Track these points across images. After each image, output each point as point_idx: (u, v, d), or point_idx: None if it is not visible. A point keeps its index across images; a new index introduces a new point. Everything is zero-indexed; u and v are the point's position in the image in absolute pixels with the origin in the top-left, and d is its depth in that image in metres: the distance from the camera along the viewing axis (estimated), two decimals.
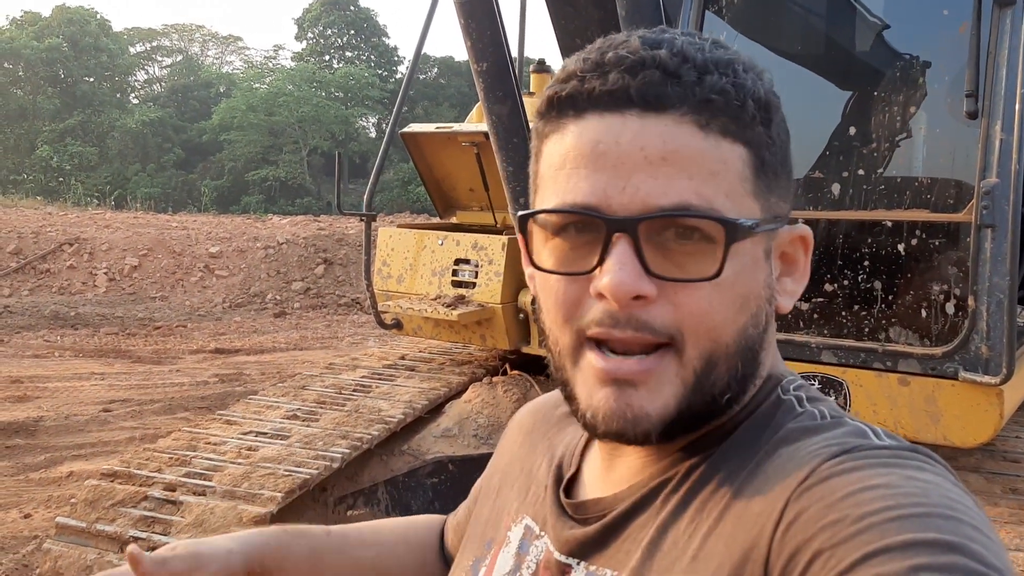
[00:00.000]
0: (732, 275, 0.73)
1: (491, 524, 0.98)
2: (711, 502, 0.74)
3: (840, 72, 3.39)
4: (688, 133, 0.72)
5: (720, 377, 0.75)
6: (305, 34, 52.39)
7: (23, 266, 15.40)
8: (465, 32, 3.76)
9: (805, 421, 0.76)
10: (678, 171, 0.71)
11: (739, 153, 0.73)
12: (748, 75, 0.74)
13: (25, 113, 42.94)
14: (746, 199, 0.74)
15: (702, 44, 0.75)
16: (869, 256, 3.00)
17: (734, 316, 0.74)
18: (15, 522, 5.12)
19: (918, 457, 0.69)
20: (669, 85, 0.72)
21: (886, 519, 0.61)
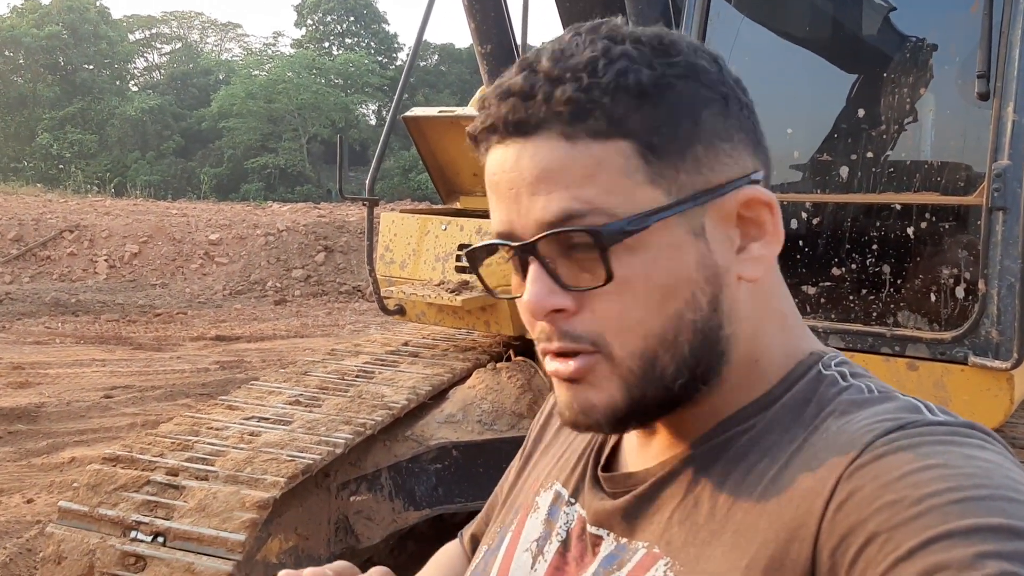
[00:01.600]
0: (641, 270, 0.73)
1: (521, 492, 0.99)
2: (751, 476, 0.73)
3: (848, 55, 3.35)
4: (554, 147, 0.72)
5: (666, 367, 0.75)
6: (304, 21, 52.22)
7: (23, 253, 15.38)
8: (469, 13, 3.73)
9: (854, 395, 0.74)
10: (554, 185, 0.72)
11: (618, 148, 0.72)
12: (612, 67, 0.72)
13: (25, 101, 42.87)
14: (639, 189, 0.73)
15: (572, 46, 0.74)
16: (877, 240, 2.98)
17: (656, 308, 0.74)
18: (18, 507, 5.12)
19: (976, 434, 0.67)
20: (526, 109, 0.73)
21: (948, 501, 0.59)
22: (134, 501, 3.26)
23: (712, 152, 0.75)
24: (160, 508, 3.22)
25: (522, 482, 1.01)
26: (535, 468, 1.00)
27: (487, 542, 0.97)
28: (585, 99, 0.72)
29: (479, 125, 0.77)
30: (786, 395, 0.77)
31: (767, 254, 0.78)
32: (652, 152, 0.73)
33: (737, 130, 0.77)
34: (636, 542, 0.79)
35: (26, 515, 4.99)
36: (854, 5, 3.40)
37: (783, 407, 0.77)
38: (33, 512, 5.04)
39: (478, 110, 0.78)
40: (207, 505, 3.19)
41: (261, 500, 3.16)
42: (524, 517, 0.93)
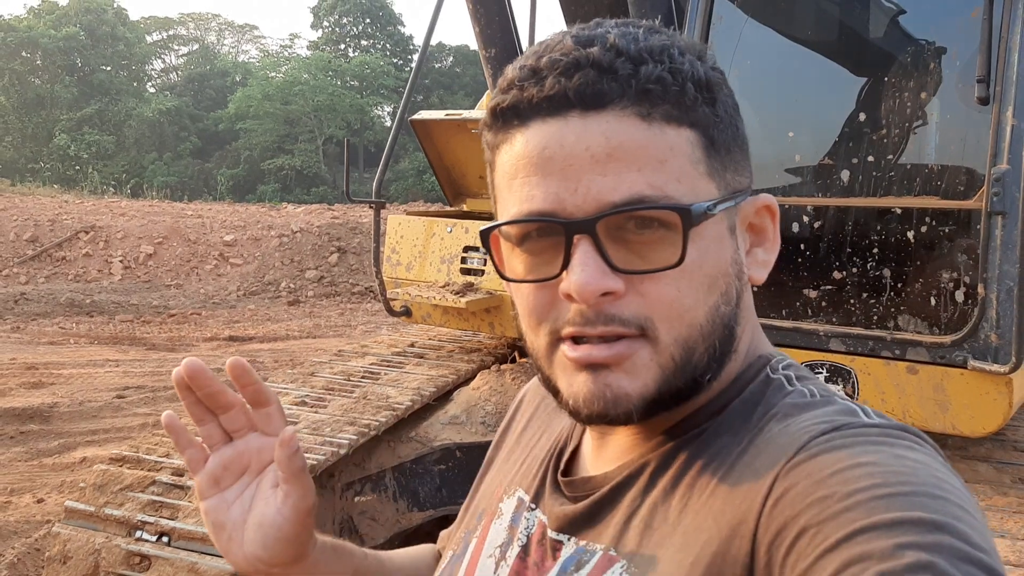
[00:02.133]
0: (697, 258, 0.74)
1: (484, 497, 1.00)
2: (701, 479, 0.75)
3: (853, 58, 3.35)
4: (631, 126, 0.72)
5: (700, 358, 0.76)
6: (321, 23, 52.43)
7: (39, 253, 15.52)
8: (474, 17, 3.74)
9: (796, 399, 0.77)
10: (626, 165, 0.72)
11: (686, 137, 0.74)
12: (685, 58, 0.74)
13: (43, 102, 43.22)
14: (700, 180, 0.74)
15: (635, 33, 0.75)
16: (878, 243, 2.97)
17: (704, 298, 0.75)
18: (28, 506, 5.17)
19: (907, 436, 0.69)
20: (605, 81, 0.72)
21: (873, 496, 0.61)
22: (140, 501, 3.29)
23: (742, 156, 0.80)
24: (165, 508, 3.25)
25: (484, 487, 1.03)
26: (498, 473, 1.01)
27: (452, 547, 0.98)
28: (671, 81, 0.73)
29: (531, 95, 0.74)
30: (736, 399, 0.79)
31: (769, 260, 0.81)
32: (712, 145, 0.75)
33: (747, 143, 0.81)
34: (595, 544, 0.80)
35: (36, 515, 5.04)
36: (861, 8, 3.40)
37: (732, 412, 0.79)
38: (43, 512, 5.09)
39: (513, 82, 0.76)
40: None
41: None
42: (488, 523, 0.94)
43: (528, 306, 0.78)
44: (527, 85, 0.75)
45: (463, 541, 0.96)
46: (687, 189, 0.73)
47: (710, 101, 0.75)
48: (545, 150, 0.73)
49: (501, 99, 0.77)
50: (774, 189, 3.20)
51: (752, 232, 0.81)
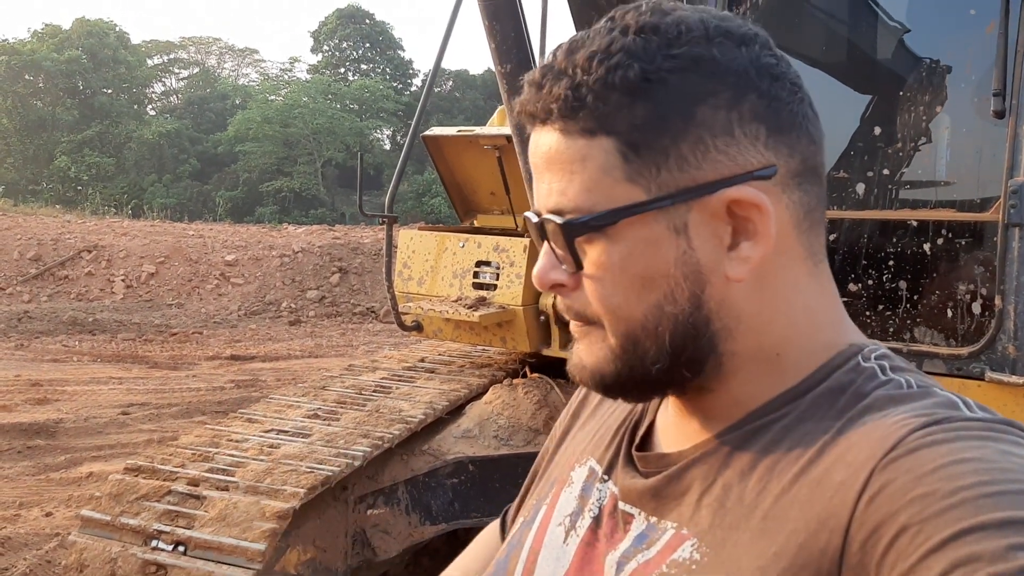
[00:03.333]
0: (618, 261, 0.76)
1: (557, 466, 1.01)
2: (783, 463, 0.73)
3: (862, 75, 3.40)
4: (554, 139, 0.77)
5: (647, 350, 0.78)
6: (321, 47, 52.73)
7: (42, 272, 15.52)
8: (489, 33, 3.78)
9: (891, 390, 0.74)
10: (552, 174, 0.78)
11: (601, 145, 0.75)
12: (608, 61, 0.74)
13: (44, 124, 43.32)
14: (617, 187, 0.75)
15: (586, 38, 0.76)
16: (894, 256, 3.00)
17: (637, 296, 0.77)
18: (37, 520, 5.17)
19: (1013, 431, 0.66)
20: (540, 101, 0.78)
21: (980, 495, 0.59)
22: (155, 510, 3.29)
23: (701, 149, 0.75)
24: (181, 518, 3.25)
25: (559, 456, 1.02)
26: (572, 442, 1.02)
27: (523, 514, 0.99)
28: (572, 97, 0.75)
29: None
30: (821, 385, 0.77)
31: (754, 255, 0.77)
32: (633, 150, 0.75)
33: (747, 121, 0.75)
34: (665, 522, 0.80)
35: (45, 528, 5.03)
36: (869, 27, 3.45)
37: (818, 396, 0.77)
38: (52, 525, 5.08)
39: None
40: (228, 515, 3.22)
41: (281, 510, 3.19)
42: (559, 491, 0.94)
43: None
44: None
45: (534, 509, 0.97)
46: (599, 197, 0.76)
47: (637, 102, 0.74)
48: (531, 156, 0.82)
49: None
50: None
51: (737, 224, 0.77)
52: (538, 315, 4.42)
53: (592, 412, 1.03)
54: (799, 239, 0.79)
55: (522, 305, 4.37)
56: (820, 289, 0.82)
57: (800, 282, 0.80)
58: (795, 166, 0.78)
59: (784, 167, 0.77)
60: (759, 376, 0.80)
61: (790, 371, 0.79)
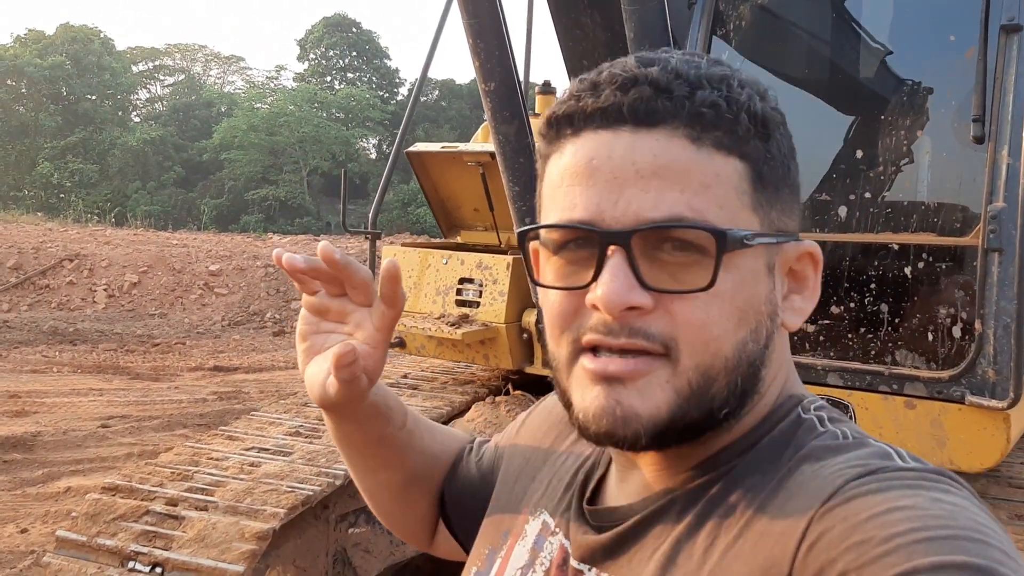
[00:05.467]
0: (730, 287, 0.73)
1: (508, 513, 1.00)
2: (730, 519, 0.74)
3: (845, 97, 3.41)
4: (679, 147, 0.73)
5: (719, 391, 0.75)
6: (307, 55, 52.67)
7: (23, 281, 15.39)
8: (473, 52, 3.78)
9: (828, 440, 0.75)
10: (670, 184, 0.72)
11: (734, 166, 0.74)
12: (743, 90, 0.75)
13: (27, 130, 43.04)
14: (742, 212, 0.74)
15: (698, 62, 0.76)
16: (876, 279, 3.01)
17: (733, 329, 0.74)
18: (11, 536, 5.10)
19: (944, 480, 0.68)
20: (660, 100, 0.73)
21: (913, 540, 0.60)
22: (133, 531, 3.25)
23: (791, 200, 0.79)
24: (159, 538, 3.21)
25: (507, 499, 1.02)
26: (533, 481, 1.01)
27: (476, 563, 0.99)
28: (725, 108, 0.73)
29: (584, 105, 0.75)
30: (765, 438, 0.78)
31: (806, 308, 0.80)
32: (759, 180, 0.75)
33: (799, 188, 0.82)
34: None
35: (20, 545, 4.97)
36: (851, 48, 3.47)
37: (762, 450, 0.78)
38: (27, 542, 5.02)
39: (572, 94, 0.77)
40: (206, 536, 3.19)
41: (260, 531, 3.16)
42: (513, 544, 0.95)
43: (554, 313, 0.79)
44: (584, 96, 0.76)
45: (488, 559, 0.97)
46: (728, 217, 0.73)
47: (764, 136, 0.75)
48: (592, 160, 0.74)
49: (557, 108, 0.79)
50: None
51: (792, 278, 0.81)
52: (521, 333, 4.41)
53: (545, 455, 1.02)
54: None
55: (505, 323, 4.36)
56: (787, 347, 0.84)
57: (785, 341, 0.83)
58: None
59: None
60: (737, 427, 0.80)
61: (744, 421, 0.80)
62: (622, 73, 0.75)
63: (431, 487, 1.16)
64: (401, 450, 1.10)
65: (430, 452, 1.15)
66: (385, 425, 1.06)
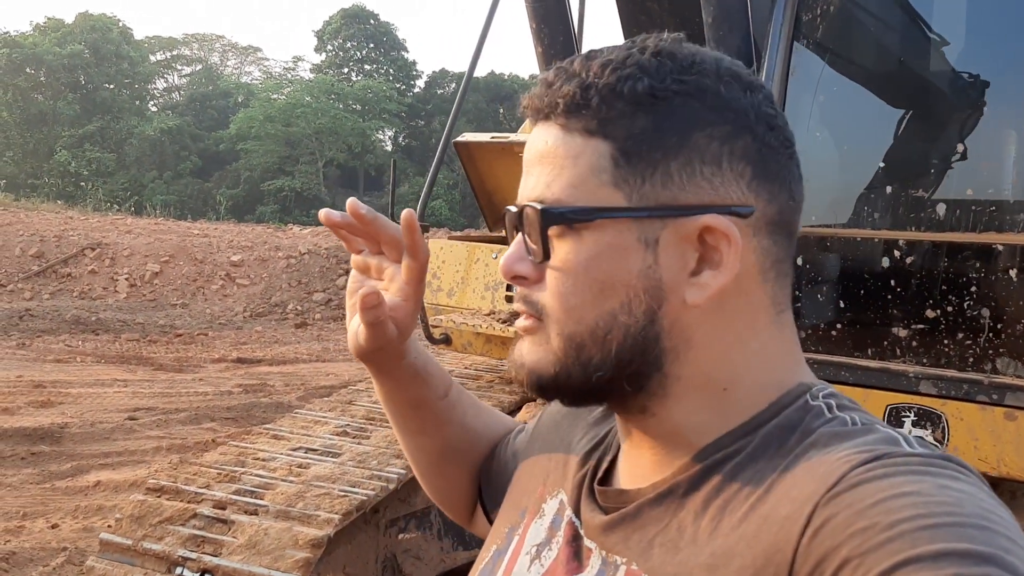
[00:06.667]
0: (583, 260, 0.78)
1: (526, 491, 1.02)
2: (734, 502, 0.75)
3: (941, 92, 3.22)
4: (553, 135, 0.80)
5: (591, 356, 0.79)
6: (324, 46, 52.56)
7: (44, 269, 15.32)
8: (536, 38, 3.61)
9: (836, 426, 0.76)
10: (541, 168, 0.81)
11: (596, 147, 0.78)
12: (620, 72, 0.77)
13: (45, 118, 43.12)
14: (601, 189, 0.78)
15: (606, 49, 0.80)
16: (976, 281, 2.83)
17: (592, 300, 0.79)
18: (42, 532, 4.97)
19: (951, 466, 0.68)
20: (545, 96, 0.81)
21: (918, 527, 0.60)
22: (180, 535, 3.10)
23: (688, 171, 0.78)
24: (208, 544, 3.07)
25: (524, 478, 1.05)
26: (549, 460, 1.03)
27: (496, 541, 1.01)
28: (580, 96, 0.78)
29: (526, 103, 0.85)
30: (770, 423, 0.79)
31: (714, 284, 0.79)
32: (624, 157, 0.78)
33: (737, 159, 0.79)
34: (618, 558, 0.82)
35: (51, 541, 4.83)
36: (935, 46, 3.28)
37: (767, 435, 0.79)
38: (58, 538, 4.88)
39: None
40: (258, 542, 3.04)
41: (315, 538, 3.01)
42: (530, 521, 0.97)
43: None
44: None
45: (507, 537, 0.99)
46: (581, 195, 0.78)
47: (639, 114, 0.77)
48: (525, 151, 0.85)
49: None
50: (862, 221, 3.05)
51: (705, 251, 0.79)
52: None
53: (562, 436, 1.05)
54: (763, 285, 0.82)
55: None
56: (779, 334, 0.84)
57: (759, 324, 0.82)
58: (771, 215, 0.81)
59: (761, 212, 0.80)
60: (705, 408, 0.81)
61: (740, 408, 0.81)
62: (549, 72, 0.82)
63: (470, 463, 1.20)
64: (440, 418, 1.15)
65: (471, 428, 1.19)
66: (424, 389, 1.11)
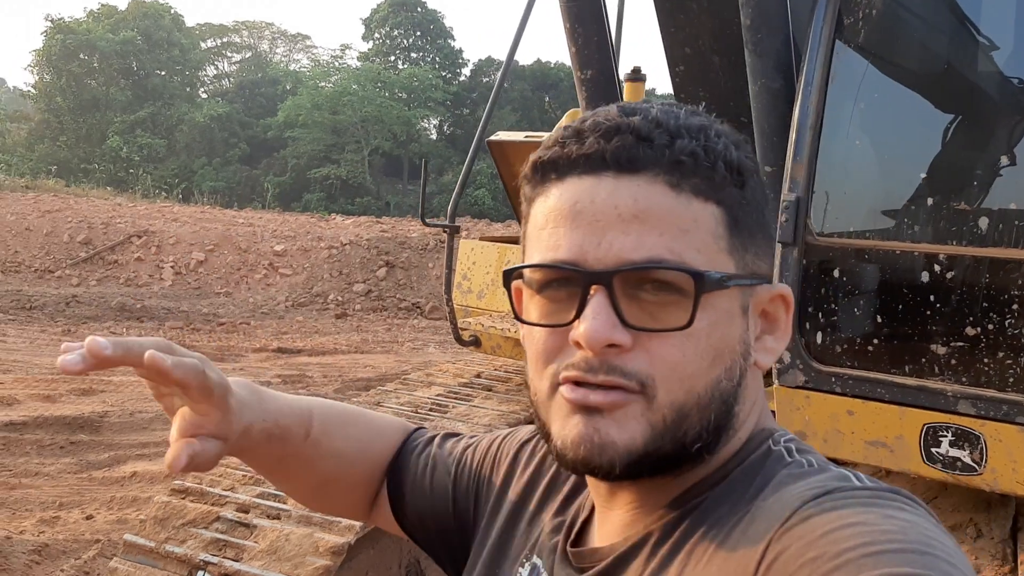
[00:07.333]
0: (705, 327, 0.77)
1: (501, 554, 1.01)
2: (699, 548, 0.77)
3: (987, 100, 3.09)
4: (659, 192, 0.76)
5: (692, 426, 0.78)
6: (372, 34, 52.73)
7: (92, 256, 15.60)
8: (570, 38, 3.54)
9: (793, 469, 0.79)
10: (650, 228, 0.76)
11: (711, 211, 0.78)
12: (720, 140, 0.79)
13: (98, 104, 43.86)
14: (719, 255, 0.78)
15: (677, 112, 0.80)
16: (1019, 298, 2.71)
17: (707, 368, 0.78)
18: (77, 523, 5.03)
19: (898, 498, 0.71)
20: (641, 148, 0.77)
21: (863, 555, 0.62)
22: (202, 539, 3.11)
23: (766, 244, 0.84)
24: (230, 548, 3.07)
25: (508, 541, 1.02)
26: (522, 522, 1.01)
27: None
28: (704, 157, 0.77)
29: (570, 152, 0.78)
30: (736, 469, 0.82)
31: (778, 348, 0.85)
32: (735, 225, 0.79)
33: (773, 233, 0.87)
34: None
35: (84, 533, 4.89)
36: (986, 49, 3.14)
37: (733, 482, 0.81)
38: (92, 530, 4.94)
39: (557, 140, 0.80)
40: (279, 548, 3.03)
41: (335, 545, 3.00)
42: None
43: (537, 349, 0.82)
44: (568, 143, 0.79)
45: None
46: (705, 260, 0.77)
47: (739, 183, 0.80)
48: (576, 204, 0.78)
49: (543, 154, 0.82)
50: (901, 233, 2.94)
51: (764, 319, 0.85)
52: None
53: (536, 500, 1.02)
54: None
55: None
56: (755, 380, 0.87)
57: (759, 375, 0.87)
58: None
59: None
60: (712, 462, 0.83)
61: (723, 454, 0.83)
62: (605, 122, 0.79)
63: (354, 480, 1.16)
64: (309, 460, 1.10)
65: (344, 452, 1.14)
66: (283, 444, 1.05)
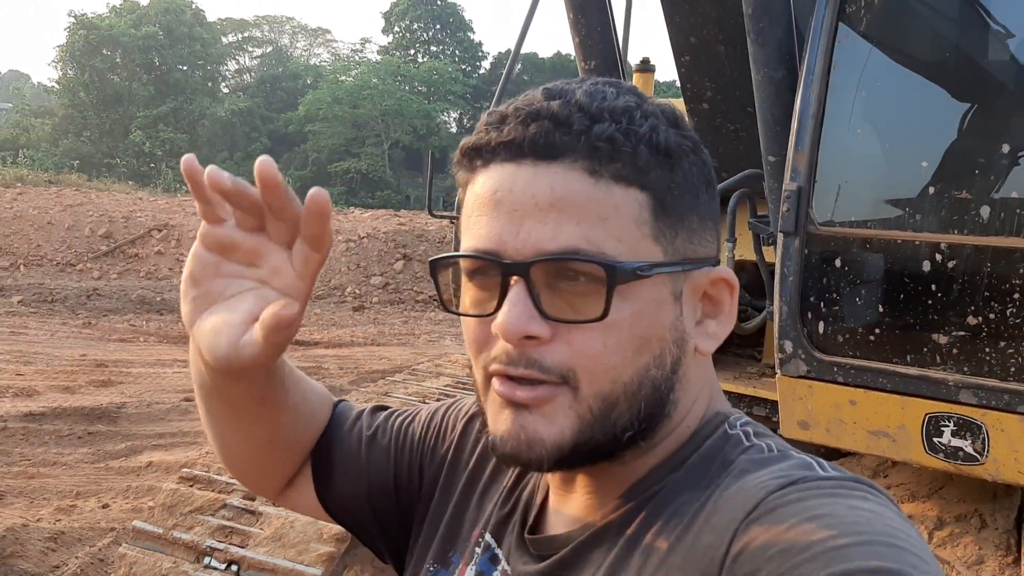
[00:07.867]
0: (628, 316, 0.75)
1: (454, 532, 0.99)
2: (661, 536, 0.76)
3: (991, 87, 3.07)
4: (577, 180, 0.74)
5: (621, 415, 0.77)
6: (392, 28, 52.87)
7: (113, 250, 15.75)
8: (574, 28, 3.55)
9: (753, 454, 0.78)
10: (567, 217, 0.74)
11: (634, 197, 0.75)
12: (646, 121, 0.76)
13: (120, 98, 44.25)
14: (642, 242, 0.76)
15: (604, 92, 0.77)
16: (1021, 288, 2.69)
17: (632, 357, 0.76)
18: (93, 512, 5.10)
19: (862, 487, 0.71)
20: (559, 134, 0.74)
21: (831, 548, 0.62)
22: (209, 525, 3.16)
23: (701, 226, 0.80)
24: (236, 535, 3.11)
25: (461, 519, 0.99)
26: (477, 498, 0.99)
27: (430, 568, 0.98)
28: (623, 141, 0.74)
29: (490, 139, 0.76)
30: (693, 455, 0.81)
31: (720, 332, 0.82)
32: (662, 210, 0.76)
33: (715, 214, 0.83)
34: None
35: (100, 521, 4.96)
36: (993, 33, 3.12)
37: (691, 467, 0.80)
38: (108, 518, 5.01)
39: (483, 125, 0.78)
40: (283, 535, 3.07)
41: (339, 533, 3.04)
42: (464, 569, 0.95)
43: (470, 338, 0.80)
44: (490, 129, 0.77)
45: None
46: (625, 248, 0.74)
47: (667, 166, 0.76)
48: (496, 192, 0.76)
49: (468, 140, 0.80)
50: (903, 222, 2.93)
51: (707, 303, 0.83)
52: None
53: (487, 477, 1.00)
54: None
55: None
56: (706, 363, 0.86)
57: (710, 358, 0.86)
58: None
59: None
60: (663, 448, 0.82)
61: (676, 439, 0.82)
62: (526, 107, 0.76)
63: (293, 448, 1.07)
64: (276, 408, 0.98)
65: (301, 411, 1.04)
66: (271, 385, 0.95)
